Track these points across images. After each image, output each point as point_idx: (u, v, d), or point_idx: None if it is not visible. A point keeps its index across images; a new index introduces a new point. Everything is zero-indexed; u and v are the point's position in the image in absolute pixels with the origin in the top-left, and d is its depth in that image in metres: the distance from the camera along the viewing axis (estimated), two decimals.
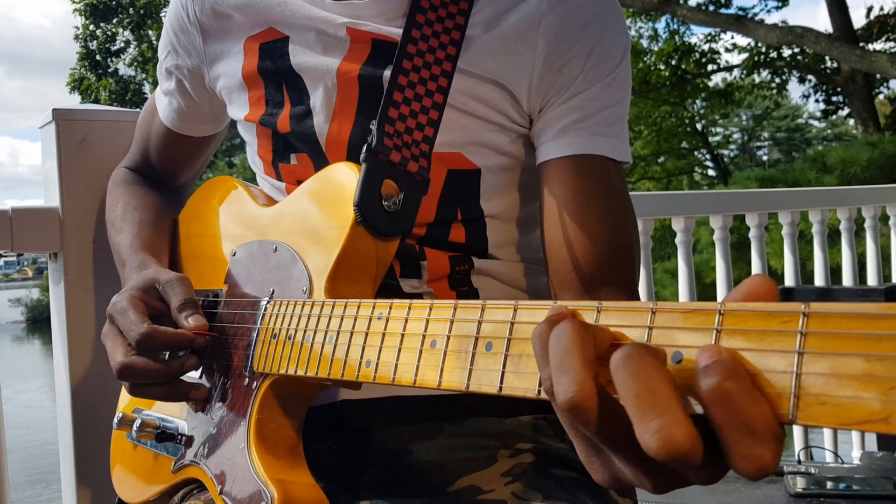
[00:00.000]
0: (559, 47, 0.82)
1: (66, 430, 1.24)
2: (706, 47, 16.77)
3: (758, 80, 17.37)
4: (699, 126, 20.73)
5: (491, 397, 0.51)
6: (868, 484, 1.45)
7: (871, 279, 3.03)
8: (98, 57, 19.77)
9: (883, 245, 3.14)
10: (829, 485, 1.44)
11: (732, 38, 19.40)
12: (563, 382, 0.43)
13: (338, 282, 0.75)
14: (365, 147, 0.77)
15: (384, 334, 0.61)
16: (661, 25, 18.00)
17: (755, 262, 2.56)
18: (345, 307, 0.67)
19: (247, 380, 0.77)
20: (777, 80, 16.76)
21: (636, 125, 17.85)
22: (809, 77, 16.19)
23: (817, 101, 17.26)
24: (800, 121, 32.69)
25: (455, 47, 0.82)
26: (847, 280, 2.90)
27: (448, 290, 0.88)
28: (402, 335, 0.59)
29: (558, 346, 0.44)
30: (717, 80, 18.14)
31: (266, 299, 0.79)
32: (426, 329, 0.57)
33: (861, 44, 12.84)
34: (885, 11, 13.69)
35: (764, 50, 15.24)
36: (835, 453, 2.11)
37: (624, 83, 0.85)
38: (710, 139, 22.94)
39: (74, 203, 1.23)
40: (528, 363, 0.49)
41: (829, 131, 31.37)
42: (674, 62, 16.73)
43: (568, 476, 0.84)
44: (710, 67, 17.05)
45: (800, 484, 1.43)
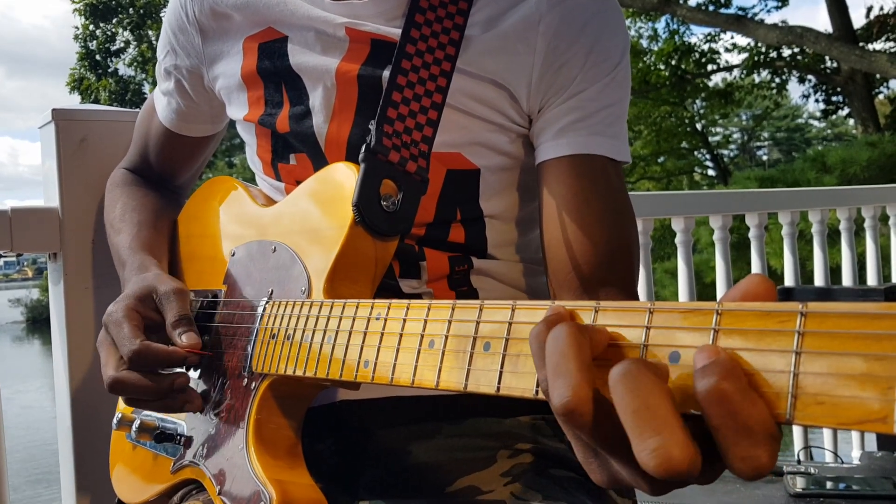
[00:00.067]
0: (558, 47, 0.81)
1: (66, 430, 1.24)
2: (706, 47, 16.79)
3: (758, 80, 17.38)
4: (699, 126, 20.73)
5: (490, 398, 0.51)
6: (868, 484, 1.44)
7: (871, 279, 3.02)
8: (98, 57, 19.78)
9: (883, 245, 3.13)
10: (828, 485, 1.44)
11: (732, 38, 19.44)
12: (558, 386, 0.42)
13: (336, 282, 0.75)
14: (364, 147, 0.77)
15: (382, 334, 0.61)
16: (660, 25, 18.03)
17: (755, 262, 2.56)
18: (343, 307, 0.67)
19: (245, 380, 0.77)
20: (777, 80, 16.77)
21: (636, 125, 17.85)
22: (809, 77, 16.19)
23: (817, 101, 17.27)
24: (800, 121, 32.71)
25: (454, 47, 0.82)
26: (847, 280, 2.90)
27: (447, 291, 0.88)
28: (401, 335, 0.59)
29: (555, 349, 0.43)
30: (716, 80, 18.18)
31: (265, 299, 0.79)
32: (424, 329, 0.57)
33: (861, 44, 12.85)
34: (885, 11, 13.70)
35: (764, 50, 15.24)
36: (834, 453, 2.11)
37: (623, 83, 0.85)
38: (710, 139, 22.95)
39: (74, 203, 1.23)
40: (526, 363, 0.48)
41: (829, 131, 31.38)
42: (674, 62, 16.73)
43: (567, 476, 0.84)
44: (709, 67, 17.06)
45: (799, 484, 1.43)
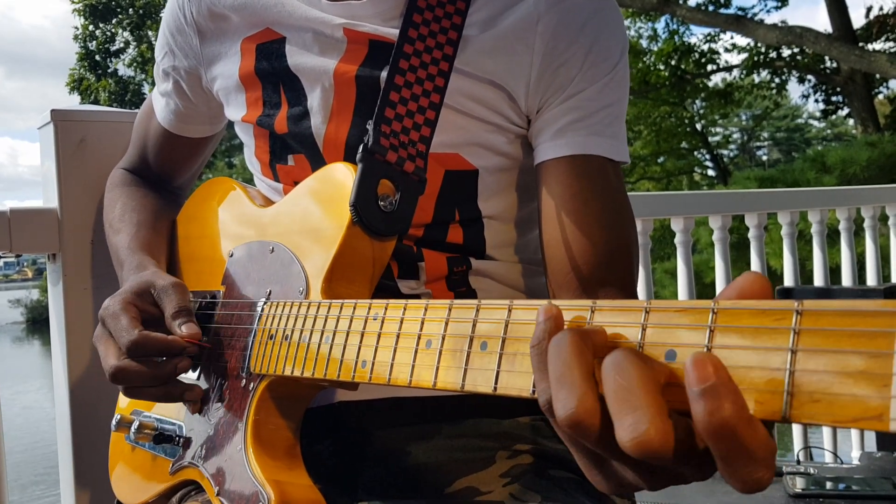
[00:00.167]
0: (557, 47, 0.81)
1: (65, 431, 1.24)
2: (706, 47, 16.79)
3: (757, 80, 17.38)
4: (699, 126, 20.73)
5: (489, 398, 0.51)
6: (867, 484, 1.44)
7: (871, 279, 3.02)
8: (97, 57, 19.77)
9: (882, 245, 3.13)
10: (828, 485, 1.44)
11: (732, 38, 19.46)
12: (562, 398, 0.42)
13: (334, 282, 0.75)
14: (361, 147, 0.77)
15: (380, 334, 0.61)
16: (660, 25, 18.03)
17: (754, 263, 2.56)
18: (341, 307, 0.67)
19: (244, 381, 0.77)
20: (776, 80, 16.77)
21: (636, 125, 17.85)
22: (809, 77, 16.19)
23: (817, 101, 17.27)
24: (799, 121, 32.70)
25: (452, 47, 0.82)
26: (846, 280, 2.90)
27: (446, 291, 0.88)
28: (398, 335, 0.59)
29: (557, 358, 0.43)
30: (716, 80, 18.18)
31: (263, 300, 0.79)
32: (422, 329, 0.57)
33: (860, 44, 12.85)
34: (885, 11, 13.70)
35: (763, 50, 15.25)
36: (834, 453, 2.11)
37: (622, 83, 0.85)
38: (710, 139, 22.94)
39: (73, 204, 1.23)
40: (523, 362, 0.48)
41: (829, 131, 31.37)
42: (673, 62, 16.73)
43: (566, 477, 0.83)
44: (709, 67, 17.06)
45: (799, 484, 1.43)
